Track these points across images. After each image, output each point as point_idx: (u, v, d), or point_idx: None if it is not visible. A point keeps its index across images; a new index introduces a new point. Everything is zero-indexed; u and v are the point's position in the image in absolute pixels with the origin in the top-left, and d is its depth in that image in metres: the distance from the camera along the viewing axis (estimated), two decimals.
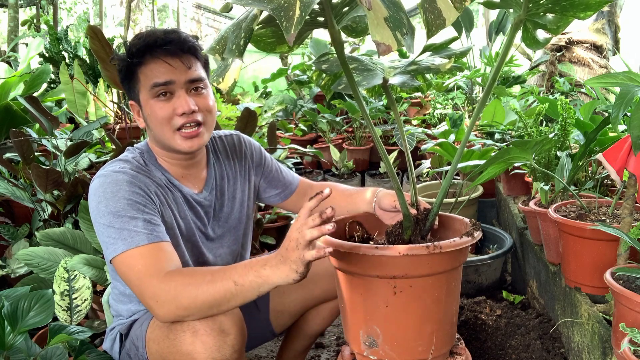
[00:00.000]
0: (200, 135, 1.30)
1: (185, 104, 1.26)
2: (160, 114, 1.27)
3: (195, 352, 1.12)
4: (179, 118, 1.27)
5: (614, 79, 1.24)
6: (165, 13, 12.24)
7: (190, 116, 1.27)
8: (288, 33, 0.78)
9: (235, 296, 1.10)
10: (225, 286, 1.09)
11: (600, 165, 1.87)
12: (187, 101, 1.26)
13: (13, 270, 1.94)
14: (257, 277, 1.09)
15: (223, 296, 1.10)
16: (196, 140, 1.29)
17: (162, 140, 1.30)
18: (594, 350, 1.39)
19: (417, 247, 1.13)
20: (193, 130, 1.28)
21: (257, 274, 1.09)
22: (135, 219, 1.19)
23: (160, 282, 1.13)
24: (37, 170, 1.91)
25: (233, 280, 1.09)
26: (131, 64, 1.27)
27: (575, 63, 4.07)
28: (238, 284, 1.09)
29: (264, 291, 1.11)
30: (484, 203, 2.97)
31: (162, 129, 1.28)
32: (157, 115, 1.27)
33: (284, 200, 1.60)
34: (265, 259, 1.10)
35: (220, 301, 1.11)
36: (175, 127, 1.27)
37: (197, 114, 1.28)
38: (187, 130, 1.28)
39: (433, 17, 0.88)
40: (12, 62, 4.30)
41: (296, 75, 4.90)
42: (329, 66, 1.30)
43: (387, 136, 4.29)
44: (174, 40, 1.26)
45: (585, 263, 1.47)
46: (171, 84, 1.26)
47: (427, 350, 1.20)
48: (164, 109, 1.26)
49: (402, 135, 1.32)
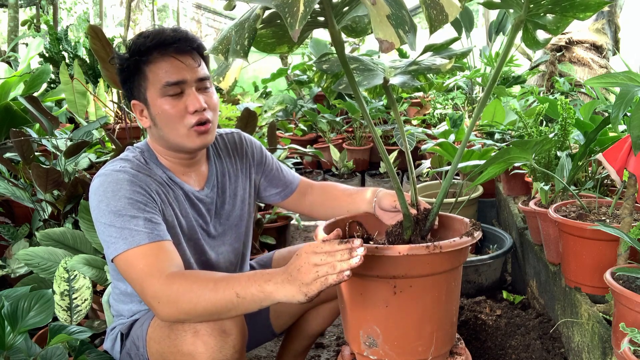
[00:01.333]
0: (210, 132, 1.31)
1: (197, 102, 1.26)
2: (171, 112, 1.26)
3: (196, 352, 1.12)
4: (191, 116, 1.27)
5: (614, 79, 1.24)
6: (165, 13, 12.23)
7: (202, 114, 1.28)
8: (292, 29, 0.78)
9: (236, 307, 1.09)
10: (227, 297, 1.08)
11: (600, 165, 1.87)
12: (198, 99, 1.27)
13: (13, 270, 1.94)
14: (260, 292, 1.07)
15: (224, 306, 1.09)
16: (206, 137, 1.30)
17: (171, 138, 1.30)
18: (594, 350, 1.39)
19: (417, 247, 1.13)
20: (205, 127, 1.29)
21: (260, 288, 1.07)
22: (136, 218, 1.19)
23: (162, 283, 1.12)
24: (37, 170, 1.91)
25: (235, 291, 1.08)
26: (138, 62, 1.27)
27: (575, 63, 4.07)
28: (240, 296, 1.08)
29: (266, 305, 1.09)
30: (484, 203, 2.97)
31: (173, 127, 1.28)
32: (168, 114, 1.27)
33: (284, 199, 1.60)
34: (270, 273, 1.08)
35: (221, 310, 1.10)
36: (189, 125, 1.27)
37: (207, 112, 1.29)
38: (200, 126, 1.28)
39: (435, 12, 0.88)
40: (12, 62, 4.30)
41: (296, 75, 4.90)
42: (330, 66, 1.30)
43: (387, 136, 4.30)
44: (182, 38, 1.27)
45: (585, 263, 1.47)
46: (183, 82, 1.26)
47: (427, 350, 1.20)
48: (176, 107, 1.26)
49: (402, 135, 1.32)
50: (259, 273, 1.09)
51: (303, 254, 1.04)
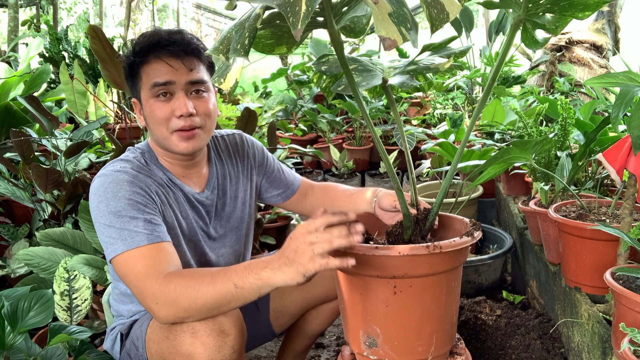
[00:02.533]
0: (197, 137, 1.29)
1: (184, 106, 1.25)
2: (158, 114, 1.27)
3: (195, 353, 1.12)
4: (177, 120, 1.26)
5: (614, 79, 1.24)
6: (165, 13, 12.24)
7: (188, 119, 1.27)
8: (295, 28, 0.78)
9: (236, 298, 1.10)
10: (225, 288, 1.09)
11: (600, 165, 1.87)
12: (185, 103, 1.26)
13: (13, 270, 1.94)
14: (257, 280, 1.08)
15: (223, 298, 1.10)
16: (192, 142, 1.29)
17: (160, 140, 1.31)
18: (594, 350, 1.39)
19: (417, 247, 1.13)
20: (189, 132, 1.28)
21: (257, 276, 1.08)
22: (136, 219, 1.19)
23: (160, 283, 1.12)
24: (37, 170, 1.91)
25: (233, 282, 1.09)
26: (134, 62, 1.28)
27: (575, 63, 4.07)
28: (238, 286, 1.08)
29: (265, 292, 1.10)
30: (484, 203, 2.97)
31: (159, 129, 1.28)
32: (155, 115, 1.27)
33: (285, 200, 1.60)
34: (266, 260, 1.09)
35: (221, 303, 1.10)
36: (172, 129, 1.27)
37: (195, 117, 1.28)
38: (184, 132, 1.27)
39: (436, 11, 0.88)
40: (12, 62, 4.30)
41: (296, 75, 4.90)
42: (329, 67, 1.30)
43: (387, 136, 4.30)
44: (177, 41, 1.26)
45: (585, 263, 1.47)
46: (171, 84, 1.26)
47: (427, 350, 1.20)
48: (163, 110, 1.26)
49: (402, 135, 1.32)
50: (254, 262, 1.10)
51: (298, 235, 1.05)
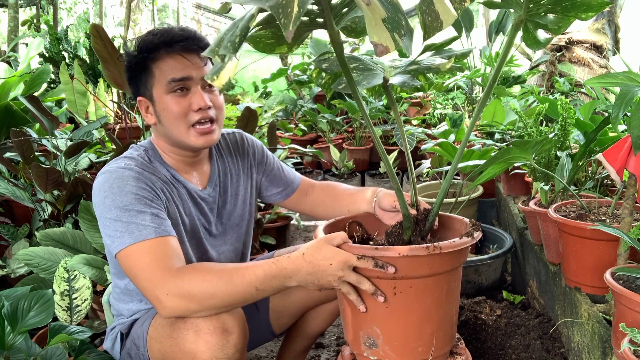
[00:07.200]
0: (214, 132, 1.32)
1: (202, 100, 1.28)
2: (175, 109, 1.28)
3: (198, 351, 1.12)
4: (195, 114, 1.29)
5: (614, 79, 1.24)
6: (165, 13, 12.24)
7: (206, 112, 1.29)
8: (286, 29, 0.78)
9: (254, 298, 1.16)
10: (246, 290, 1.13)
11: (600, 165, 1.87)
12: (203, 97, 1.28)
13: (13, 270, 1.94)
14: (281, 286, 1.15)
15: (241, 298, 1.14)
16: (210, 137, 1.32)
17: (174, 135, 1.31)
18: (594, 350, 1.39)
19: (417, 247, 1.13)
20: (207, 127, 1.30)
21: (282, 283, 1.14)
22: (143, 213, 1.19)
23: (173, 275, 1.13)
24: (37, 170, 1.91)
25: (255, 286, 1.13)
26: (145, 59, 1.28)
27: (575, 63, 4.07)
28: (259, 289, 1.14)
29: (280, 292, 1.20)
30: (484, 203, 2.97)
31: (176, 125, 1.29)
32: (172, 111, 1.28)
33: (285, 198, 1.60)
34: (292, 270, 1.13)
35: (238, 302, 1.15)
36: (190, 122, 1.29)
37: (211, 111, 1.31)
38: (202, 126, 1.30)
39: (430, 19, 0.88)
40: (12, 62, 4.30)
41: (296, 75, 4.90)
42: (329, 65, 1.30)
43: (387, 136, 4.29)
44: (190, 36, 1.29)
45: (585, 263, 1.47)
46: (188, 79, 1.28)
47: (428, 350, 1.20)
48: (180, 104, 1.28)
49: (402, 135, 1.32)
50: (275, 267, 1.14)
51: (336, 262, 1.11)
